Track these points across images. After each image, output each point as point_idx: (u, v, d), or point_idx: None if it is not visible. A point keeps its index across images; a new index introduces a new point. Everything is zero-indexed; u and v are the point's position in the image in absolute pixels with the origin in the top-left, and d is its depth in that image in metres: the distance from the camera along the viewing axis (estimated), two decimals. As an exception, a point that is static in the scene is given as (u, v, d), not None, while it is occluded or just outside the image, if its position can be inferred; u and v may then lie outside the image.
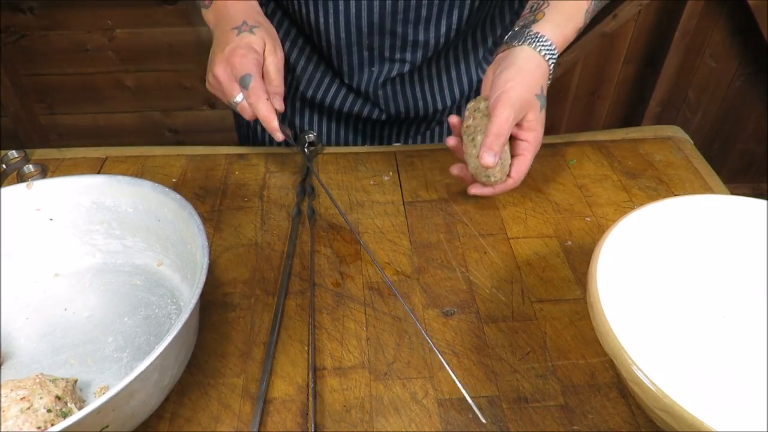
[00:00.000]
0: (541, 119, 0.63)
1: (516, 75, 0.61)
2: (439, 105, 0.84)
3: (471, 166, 0.64)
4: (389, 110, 0.83)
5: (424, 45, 0.75)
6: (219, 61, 0.66)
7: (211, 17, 0.72)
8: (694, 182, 0.73)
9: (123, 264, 0.60)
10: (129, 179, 0.57)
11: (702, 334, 0.53)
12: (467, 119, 0.64)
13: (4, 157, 0.75)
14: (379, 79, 0.79)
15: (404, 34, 0.73)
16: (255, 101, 0.65)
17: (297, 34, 0.80)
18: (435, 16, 0.72)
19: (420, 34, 0.74)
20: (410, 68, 0.78)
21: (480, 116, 0.63)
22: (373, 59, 0.77)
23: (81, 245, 0.60)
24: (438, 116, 0.87)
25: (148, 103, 1.86)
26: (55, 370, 0.51)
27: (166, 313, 0.55)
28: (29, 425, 0.41)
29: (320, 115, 0.86)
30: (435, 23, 0.73)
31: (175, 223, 0.55)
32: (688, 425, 0.38)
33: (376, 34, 0.73)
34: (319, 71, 0.82)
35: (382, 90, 0.81)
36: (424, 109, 0.84)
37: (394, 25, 0.72)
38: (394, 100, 0.82)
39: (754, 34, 1.74)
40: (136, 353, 0.52)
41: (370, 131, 0.88)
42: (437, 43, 0.76)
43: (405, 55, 0.76)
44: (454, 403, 0.49)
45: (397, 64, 0.77)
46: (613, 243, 0.51)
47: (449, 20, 0.73)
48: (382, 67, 0.78)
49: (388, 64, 0.77)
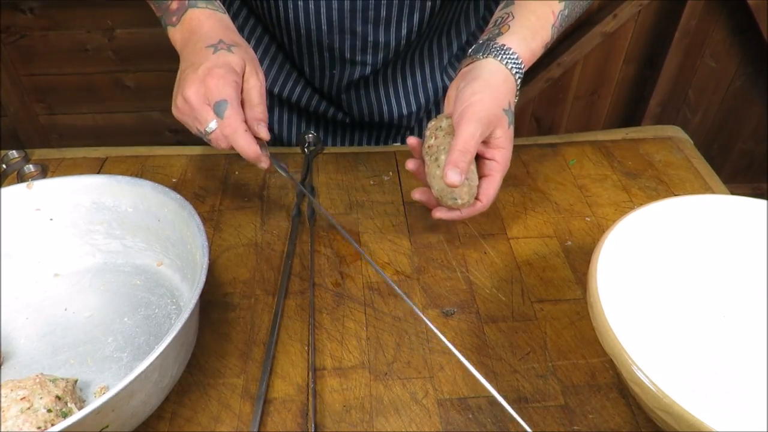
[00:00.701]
0: (509, 136, 0.59)
1: (483, 89, 0.57)
2: (405, 110, 0.84)
3: (435, 188, 0.58)
4: (353, 114, 0.83)
5: (384, 46, 0.75)
6: (192, 82, 0.56)
7: (179, 37, 0.62)
8: (694, 182, 0.73)
9: (123, 264, 0.60)
10: (129, 179, 0.57)
11: (702, 334, 0.53)
12: (428, 139, 0.59)
13: (4, 157, 0.75)
14: (341, 82, 0.79)
15: (364, 33, 0.73)
16: (231, 133, 0.56)
17: (262, 33, 0.80)
18: (395, 16, 0.72)
19: (380, 34, 0.73)
20: (372, 71, 0.78)
21: (443, 134, 0.58)
22: (334, 61, 0.76)
23: (81, 245, 0.60)
24: (405, 122, 0.86)
25: (147, 103, 1.86)
26: (55, 370, 0.51)
27: (166, 313, 0.55)
28: (29, 425, 0.41)
29: (290, 114, 0.86)
30: (395, 24, 0.73)
31: (175, 223, 0.55)
32: (688, 425, 0.38)
33: (335, 32, 0.73)
34: (285, 71, 0.82)
35: (346, 94, 0.80)
36: (389, 114, 0.83)
37: (354, 24, 0.72)
38: (357, 104, 0.82)
39: (754, 34, 1.74)
40: (136, 353, 0.52)
41: (341, 133, 0.88)
42: (398, 45, 0.75)
43: (366, 57, 0.76)
44: (454, 403, 0.49)
45: (358, 66, 0.77)
46: (613, 243, 0.51)
47: (410, 22, 0.73)
48: (343, 69, 0.77)
49: (349, 67, 0.77)
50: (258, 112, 0.58)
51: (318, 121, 0.86)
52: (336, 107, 0.83)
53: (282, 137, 0.88)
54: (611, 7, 1.69)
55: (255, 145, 0.57)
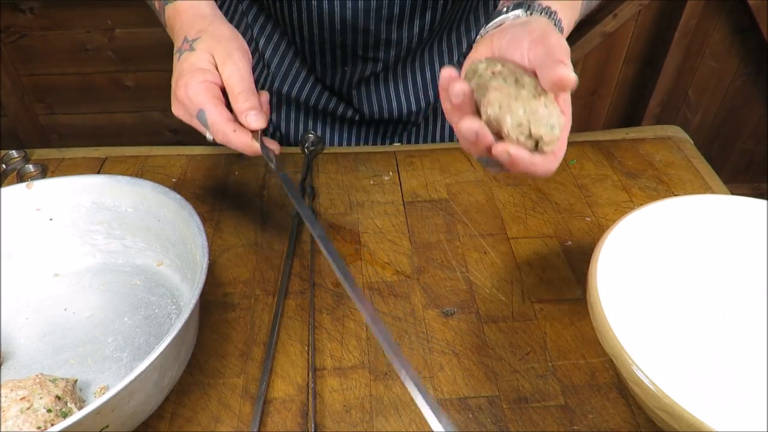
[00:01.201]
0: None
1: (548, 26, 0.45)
2: (414, 107, 0.84)
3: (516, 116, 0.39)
4: (363, 110, 0.83)
5: (397, 44, 0.75)
6: (173, 101, 0.55)
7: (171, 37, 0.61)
8: (694, 182, 0.73)
9: (123, 264, 0.60)
10: (129, 179, 0.57)
11: (702, 334, 0.53)
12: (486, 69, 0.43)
13: (4, 157, 0.74)
14: (353, 78, 0.79)
15: (377, 32, 0.73)
16: (222, 138, 0.53)
17: (273, 30, 0.80)
18: (408, 15, 0.72)
19: (393, 32, 0.73)
20: (383, 68, 0.78)
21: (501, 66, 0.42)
22: (346, 58, 0.76)
23: (81, 245, 0.60)
24: (414, 118, 0.86)
25: (147, 103, 1.86)
26: (55, 370, 0.51)
27: (166, 313, 0.55)
28: (29, 425, 0.41)
29: (297, 112, 0.86)
30: (408, 22, 0.73)
31: (175, 223, 0.55)
32: (688, 425, 0.38)
33: (349, 31, 0.73)
34: (294, 68, 0.81)
35: (356, 90, 0.80)
36: (398, 111, 0.83)
37: (367, 23, 0.72)
38: (368, 100, 0.82)
39: (754, 34, 1.74)
40: (136, 353, 0.52)
41: (347, 130, 0.88)
42: (410, 43, 0.75)
43: (378, 54, 0.76)
44: (454, 403, 0.49)
45: (370, 63, 0.77)
46: (613, 243, 0.51)
47: (422, 20, 0.73)
48: (355, 66, 0.77)
49: (361, 64, 0.77)
50: (241, 102, 0.53)
51: (325, 118, 0.86)
52: (346, 103, 0.83)
53: (289, 137, 0.88)
54: (611, 7, 1.69)
55: (250, 142, 0.53)
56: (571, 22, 0.52)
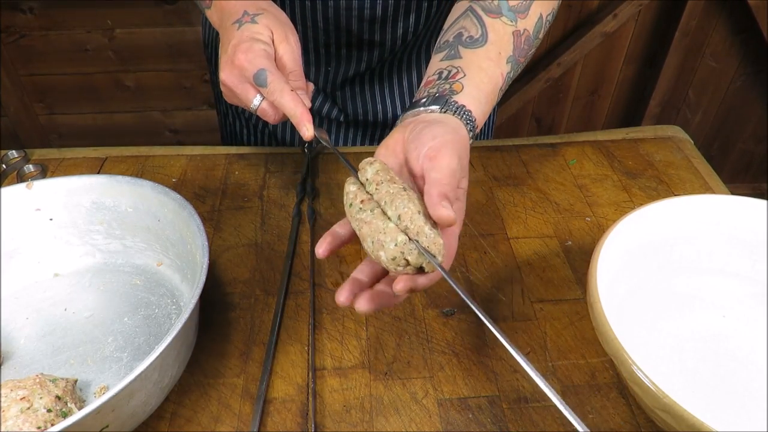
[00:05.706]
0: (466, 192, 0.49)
1: (449, 133, 0.47)
2: (399, 110, 0.84)
3: (390, 248, 0.40)
4: (347, 111, 0.83)
5: (379, 45, 0.75)
6: (224, 65, 0.56)
7: (216, 17, 0.63)
8: (694, 182, 0.73)
9: (123, 264, 0.60)
10: (129, 179, 0.57)
11: (702, 334, 0.53)
12: (357, 196, 0.44)
13: (4, 157, 0.75)
14: (336, 78, 0.79)
15: (359, 32, 0.73)
16: (278, 97, 0.53)
17: None
18: (390, 17, 0.72)
19: (375, 33, 0.74)
20: (367, 69, 0.78)
21: (380, 182, 0.43)
22: (330, 57, 0.77)
23: (81, 245, 0.60)
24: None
25: (147, 103, 1.86)
26: (55, 370, 0.51)
27: (166, 313, 0.55)
28: (29, 425, 0.41)
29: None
30: (391, 24, 0.73)
31: (175, 223, 0.55)
32: (688, 425, 0.38)
33: (331, 30, 0.73)
34: None
35: (341, 90, 0.81)
36: (383, 113, 0.84)
37: (349, 23, 0.72)
38: (352, 101, 0.82)
39: (754, 34, 1.74)
40: (136, 353, 0.52)
41: (335, 131, 0.88)
42: (393, 45, 0.76)
43: (362, 54, 0.76)
44: (454, 403, 0.49)
45: (353, 63, 0.77)
46: (613, 243, 0.51)
47: (405, 23, 0.73)
48: (338, 65, 0.77)
49: (344, 63, 0.77)
50: (294, 78, 0.56)
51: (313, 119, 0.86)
52: (331, 103, 0.83)
53: (285, 138, 0.88)
54: (611, 7, 1.69)
55: (302, 105, 0.54)
56: (487, 111, 0.55)
